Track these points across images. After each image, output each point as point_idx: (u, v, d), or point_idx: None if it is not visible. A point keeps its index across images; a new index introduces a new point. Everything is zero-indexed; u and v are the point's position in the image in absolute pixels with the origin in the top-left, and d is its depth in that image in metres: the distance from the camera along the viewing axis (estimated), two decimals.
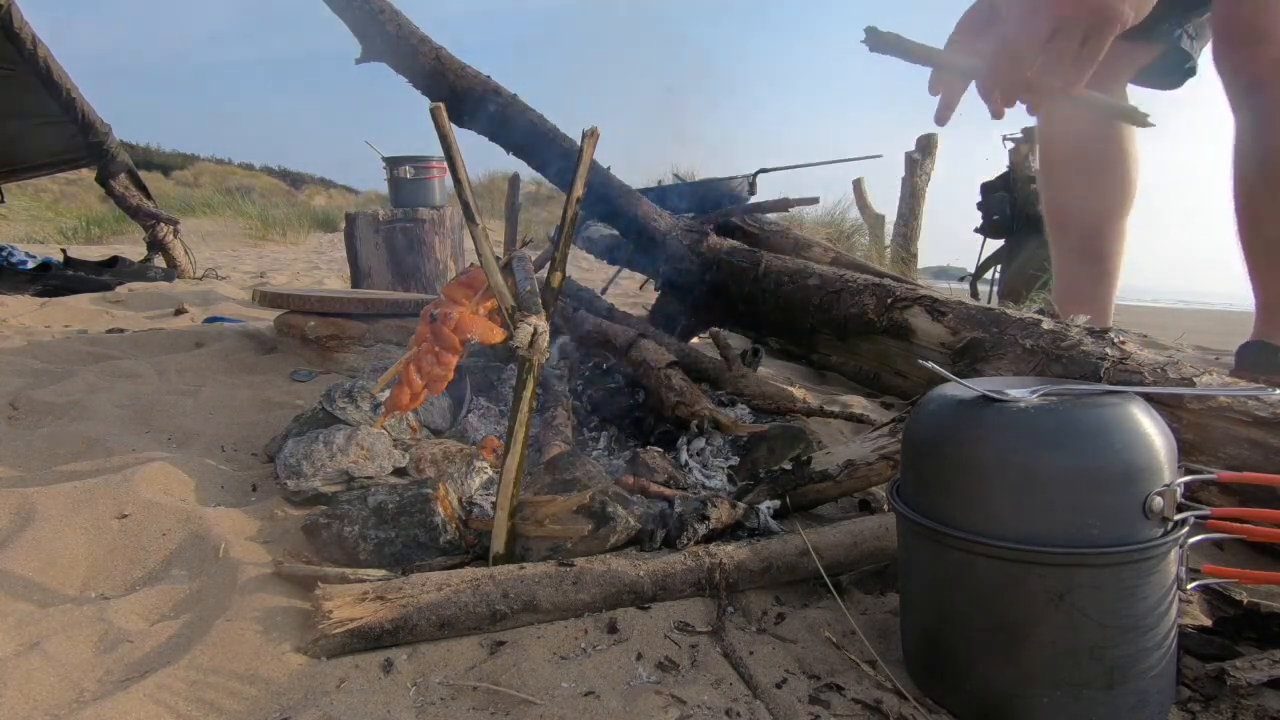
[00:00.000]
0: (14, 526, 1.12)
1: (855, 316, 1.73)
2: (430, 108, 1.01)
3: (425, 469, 1.34)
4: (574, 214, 1.10)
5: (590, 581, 0.97)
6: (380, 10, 2.05)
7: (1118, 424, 0.74)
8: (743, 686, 0.86)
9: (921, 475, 0.83)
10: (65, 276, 3.97)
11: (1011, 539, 0.74)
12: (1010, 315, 1.48)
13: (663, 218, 2.07)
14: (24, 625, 0.94)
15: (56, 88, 4.18)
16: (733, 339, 2.20)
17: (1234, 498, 1.14)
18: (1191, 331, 3.57)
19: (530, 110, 2.08)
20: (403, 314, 2.26)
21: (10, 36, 3.91)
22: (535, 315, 1.04)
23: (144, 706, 0.80)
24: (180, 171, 19.99)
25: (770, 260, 1.96)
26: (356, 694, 0.82)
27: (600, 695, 0.82)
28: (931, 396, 0.85)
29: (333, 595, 0.91)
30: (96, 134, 4.42)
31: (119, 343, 2.43)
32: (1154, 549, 0.73)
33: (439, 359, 1.18)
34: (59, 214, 10.70)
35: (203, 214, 11.53)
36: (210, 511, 1.19)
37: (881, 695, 0.84)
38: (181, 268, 4.81)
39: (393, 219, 3.08)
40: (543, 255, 1.82)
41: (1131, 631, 0.74)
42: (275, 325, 2.33)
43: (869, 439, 1.25)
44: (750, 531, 1.11)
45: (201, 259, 5.61)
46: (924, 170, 4.81)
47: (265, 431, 1.59)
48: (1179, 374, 1.22)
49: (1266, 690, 0.84)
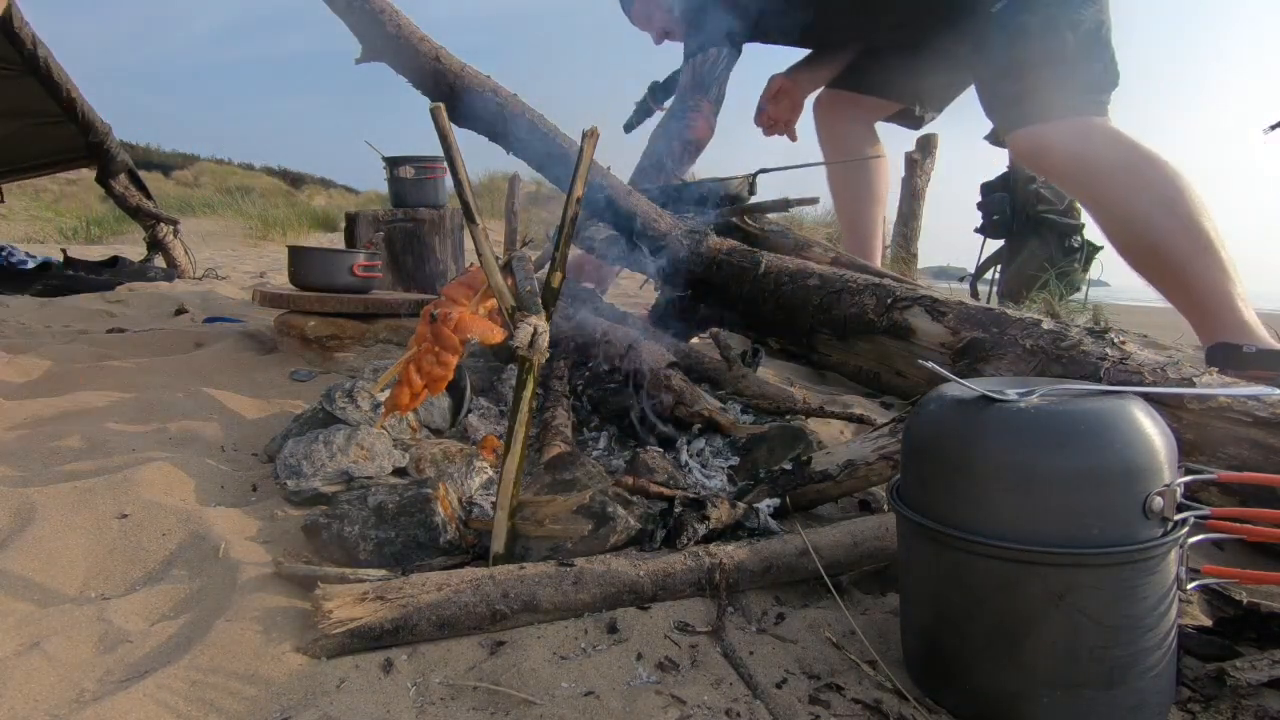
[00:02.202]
0: (14, 526, 1.12)
1: (855, 316, 1.73)
2: (430, 108, 1.01)
3: (425, 469, 1.34)
4: (574, 214, 1.10)
5: (590, 581, 0.97)
6: (380, 10, 2.05)
7: (1118, 424, 0.74)
8: (743, 686, 0.85)
9: (921, 475, 0.83)
10: (65, 276, 3.97)
11: (1011, 539, 0.74)
12: (1010, 315, 1.48)
13: (663, 218, 2.07)
14: (24, 625, 0.94)
15: (56, 88, 4.17)
16: (733, 339, 2.20)
17: (1234, 498, 1.14)
18: (1191, 331, 3.56)
19: (530, 110, 2.08)
20: (403, 314, 2.26)
21: (10, 36, 3.91)
22: (535, 315, 1.04)
23: (144, 706, 0.80)
24: (180, 171, 19.96)
25: (770, 260, 1.96)
26: (356, 694, 0.82)
27: (600, 695, 0.82)
28: (931, 396, 0.85)
29: (333, 595, 0.91)
30: (96, 134, 4.42)
31: (119, 343, 2.43)
32: (1154, 549, 0.73)
33: (439, 359, 1.18)
34: (59, 214, 10.69)
35: (203, 214, 11.52)
36: (210, 511, 1.19)
37: (881, 695, 0.84)
38: (181, 268, 4.81)
39: (393, 219, 3.08)
40: (543, 255, 1.82)
41: (1131, 632, 0.74)
42: (275, 325, 2.33)
43: (869, 439, 1.25)
44: (750, 531, 1.11)
45: (201, 259, 5.61)
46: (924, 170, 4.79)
47: (265, 431, 1.59)
48: (1179, 374, 1.22)
49: (1266, 690, 0.84)
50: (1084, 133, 2.09)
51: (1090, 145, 2.07)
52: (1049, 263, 3.40)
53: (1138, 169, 2.03)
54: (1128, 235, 2.08)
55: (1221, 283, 1.94)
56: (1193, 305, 2.02)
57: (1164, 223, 1.97)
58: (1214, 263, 1.94)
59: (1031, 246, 3.49)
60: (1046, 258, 3.42)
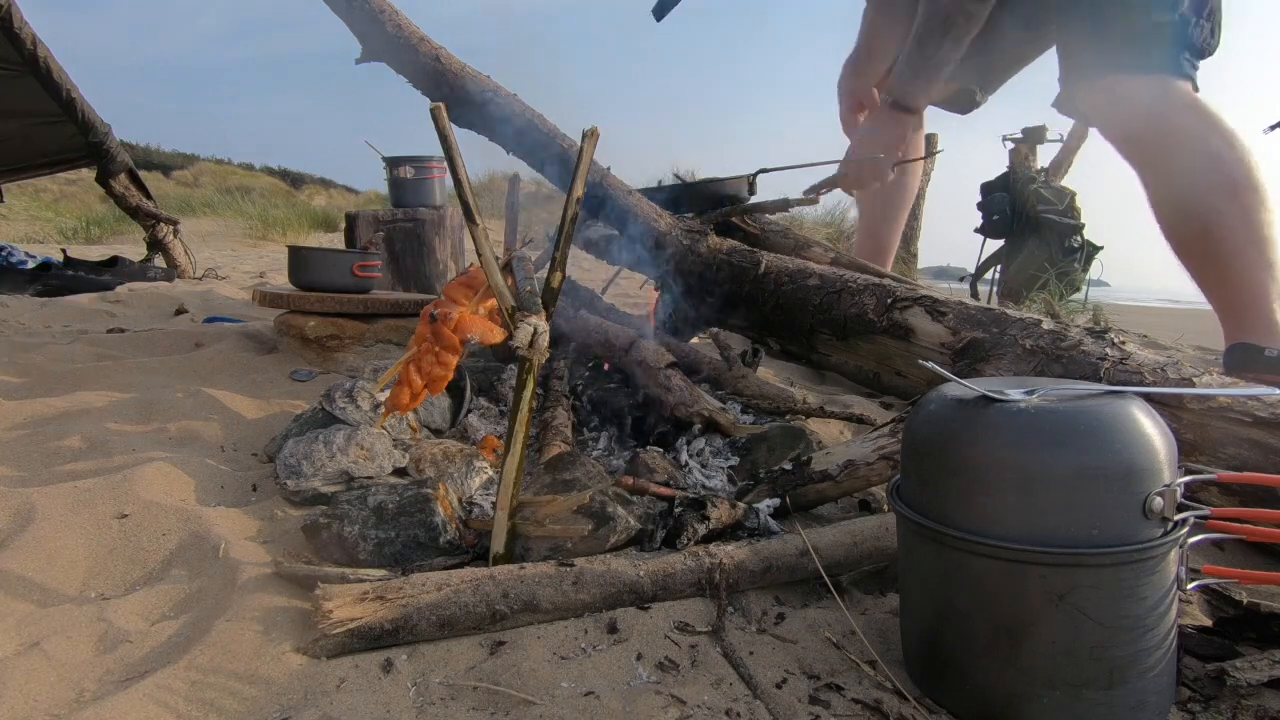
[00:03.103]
0: (14, 526, 1.12)
1: (855, 316, 1.73)
2: (430, 108, 1.01)
3: (425, 469, 1.34)
4: (574, 214, 1.10)
5: (590, 581, 0.97)
6: (380, 10, 2.05)
7: (1118, 424, 0.74)
8: (743, 686, 0.85)
9: (921, 475, 0.83)
10: (65, 276, 3.97)
11: (1011, 539, 0.74)
12: (1010, 315, 1.48)
13: (663, 218, 2.07)
14: (24, 625, 0.94)
15: (56, 88, 4.17)
16: (733, 339, 2.20)
17: (1234, 498, 1.14)
18: (1191, 331, 3.57)
19: (530, 110, 2.08)
20: (403, 314, 2.25)
21: (10, 36, 3.91)
22: (535, 315, 1.04)
23: (144, 706, 0.80)
24: (180, 171, 19.96)
25: (770, 260, 1.96)
26: (356, 694, 0.82)
27: (600, 695, 0.82)
28: (931, 396, 0.85)
29: (333, 595, 0.91)
30: (96, 134, 4.42)
31: (119, 343, 2.43)
32: (1154, 549, 0.73)
33: (439, 359, 1.18)
34: (59, 214, 10.69)
35: (203, 214, 11.51)
36: (210, 511, 1.19)
37: (881, 695, 0.84)
38: (181, 268, 4.81)
39: (393, 219, 3.08)
40: (543, 255, 1.82)
41: (1131, 632, 0.74)
42: (275, 325, 2.33)
43: (869, 439, 1.25)
44: (750, 531, 1.11)
45: (201, 259, 5.60)
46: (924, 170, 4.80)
47: (265, 431, 1.59)
48: (1179, 374, 1.22)
49: (1266, 690, 0.84)
50: (1166, 93, 1.93)
51: (1171, 107, 1.92)
52: (1049, 263, 3.40)
53: (1212, 145, 1.89)
54: (1181, 213, 1.93)
55: (1264, 282, 1.84)
56: (1228, 299, 1.91)
57: (1224, 207, 1.85)
58: (1262, 260, 1.84)
59: (1031, 246, 3.49)
60: (1046, 258, 3.42)
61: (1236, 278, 1.87)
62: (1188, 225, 1.93)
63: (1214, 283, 1.94)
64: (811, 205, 2.40)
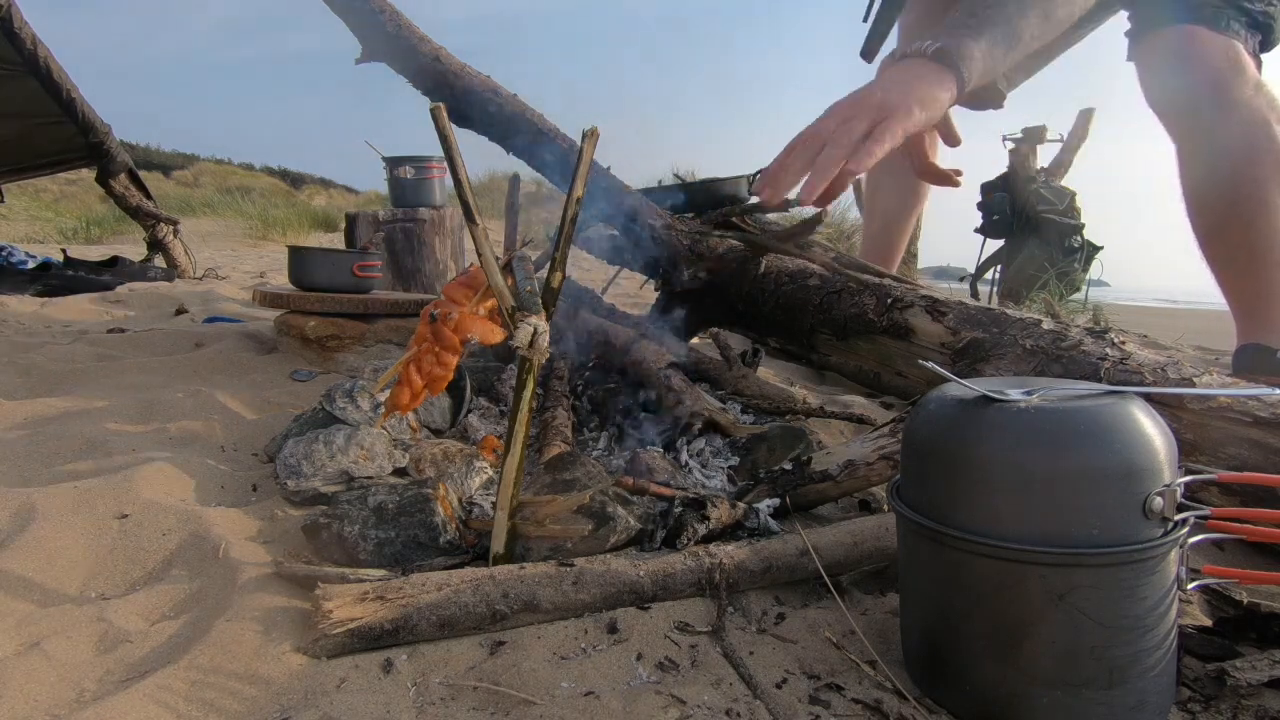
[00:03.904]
0: (14, 526, 1.12)
1: (855, 316, 1.73)
2: (430, 108, 1.01)
3: (425, 469, 1.34)
4: (574, 214, 1.10)
5: (590, 581, 0.97)
6: (380, 10, 2.05)
7: (1118, 424, 0.74)
8: (743, 686, 0.85)
9: (921, 475, 0.83)
10: (65, 276, 3.97)
11: (1011, 539, 0.74)
12: (1010, 315, 1.48)
13: (662, 217, 2.07)
14: (24, 625, 0.94)
15: (56, 88, 4.17)
16: (733, 339, 2.20)
17: (1234, 498, 1.14)
18: (1191, 331, 3.57)
19: (530, 110, 2.08)
20: (403, 314, 2.26)
21: (10, 36, 3.91)
22: (535, 315, 1.04)
23: (144, 706, 0.80)
24: (180, 171, 19.97)
25: (770, 260, 1.96)
26: (356, 694, 0.82)
27: (600, 695, 0.82)
28: (931, 396, 0.85)
29: (333, 595, 0.91)
30: (96, 134, 4.42)
31: (119, 343, 2.43)
32: (1154, 549, 0.73)
33: (439, 359, 1.18)
34: (59, 214, 10.69)
35: (203, 214, 11.52)
36: (210, 511, 1.19)
37: (881, 695, 0.84)
38: (181, 268, 4.81)
39: (393, 219, 3.08)
40: (543, 255, 1.82)
41: (1131, 631, 0.74)
42: (275, 325, 2.33)
43: (869, 439, 1.25)
44: (750, 531, 1.11)
45: (201, 259, 5.61)
46: None
47: (265, 431, 1.59)
48: (1179, 374, 1.22)
49: (1266, 690, 0.84)
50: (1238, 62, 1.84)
51: (1239, 77, 1.82)
52: (1049, 263, 3.41)
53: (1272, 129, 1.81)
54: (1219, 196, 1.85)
55: None
56: (1249, 294, 1.86)
57: (1270, 198, 1.78)
58: None
59: (1031, 246, 3.50)
60: (1046, 258, 3.43)
61: (1265, 274, 1.81)
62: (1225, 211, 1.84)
63: (1239, 273, 1.86)
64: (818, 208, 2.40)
